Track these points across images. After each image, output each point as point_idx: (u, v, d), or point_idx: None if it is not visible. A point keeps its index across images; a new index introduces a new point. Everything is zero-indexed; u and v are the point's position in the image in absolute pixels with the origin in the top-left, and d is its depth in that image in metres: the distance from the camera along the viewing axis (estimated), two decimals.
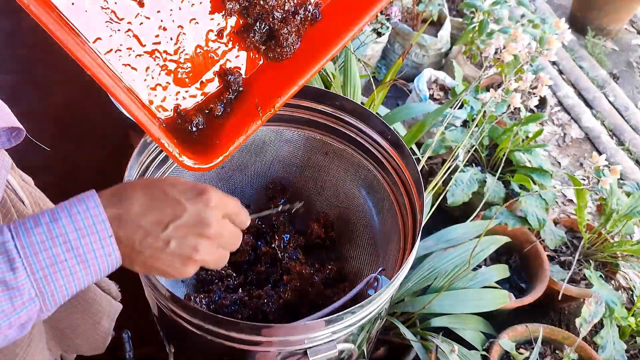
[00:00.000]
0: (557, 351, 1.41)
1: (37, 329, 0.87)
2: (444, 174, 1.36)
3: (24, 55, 2.23)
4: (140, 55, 0.67)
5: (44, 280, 0.49)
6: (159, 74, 0.70)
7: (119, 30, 0.65)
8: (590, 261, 1.57)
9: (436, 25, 2.35)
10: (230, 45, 0.75)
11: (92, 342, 1.07)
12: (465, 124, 1.88)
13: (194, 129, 0.74)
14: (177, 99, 0.74)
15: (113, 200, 0.53)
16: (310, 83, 0.79)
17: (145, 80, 0.69)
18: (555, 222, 1.70)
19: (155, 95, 0.70)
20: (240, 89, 0.76)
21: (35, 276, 0.49)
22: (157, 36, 0.68)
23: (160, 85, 0.71)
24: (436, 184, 1.37)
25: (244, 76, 0.77)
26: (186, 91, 0.74)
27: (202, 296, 1.01)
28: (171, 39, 0.70)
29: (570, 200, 2.03)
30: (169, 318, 0.84)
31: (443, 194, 1.42)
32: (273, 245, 1.10)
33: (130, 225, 0.53)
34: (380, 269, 0.91)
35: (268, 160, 1.18)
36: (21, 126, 0.77)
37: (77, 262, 0.50)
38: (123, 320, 1.15)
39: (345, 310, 0.76)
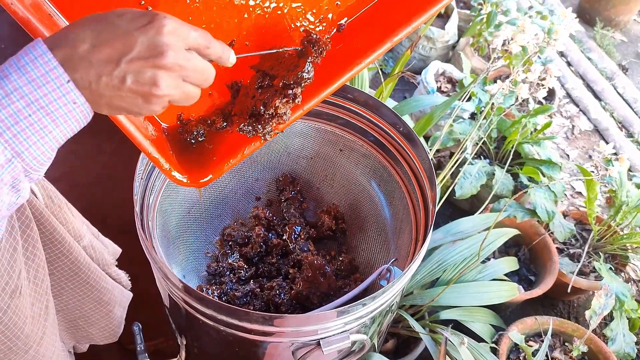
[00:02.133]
0: (566, 344, 1.41)
1: (50, 321, 0.88)
2: (452, 166, 1.35)
3: None
4: None
5: (15, 139, 0.47)
6: None
7: None
8: (600, 253, 1.56)
9: (443, 17, 2.33)
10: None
11: (106, 331, 1.08)
12: (473, 116, 1.88)
13: (193, 140, 0.72)
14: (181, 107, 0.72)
15: (59, 43, 0.49)
16: None
17: None
18: (565, 215, 1.70)
19: None
20: None
21: (4, 137, 0.47)
22: None
23: None
24: (444, 177, 1.37)
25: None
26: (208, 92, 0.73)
27: (214, 288, 1.01)
28: None
29: (579, 193, 2.02)
30: (181, 309, 0.85)
31: (451, 186, 1.42)
32: (284, 237, 1.10)
33: (82, 65, 0.48)
34: (392, 260, 0.90)
35: (278, 152, 1.18)
36: None
37: (42, 115, 0.48)
38: (134, 312, 1.16)
39: (359, 301, 0.76)
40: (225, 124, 0.73)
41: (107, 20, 0.50)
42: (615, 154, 1.09)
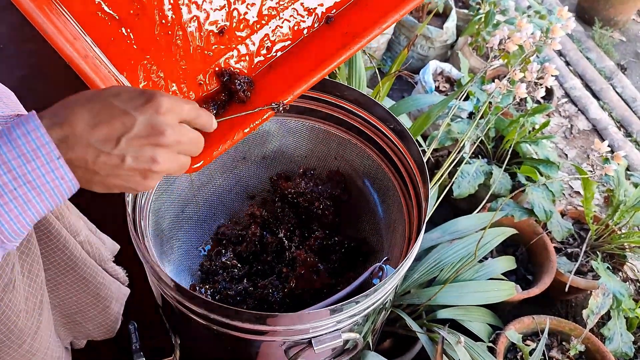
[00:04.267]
0: (563, 343, 1.41)
1: (45, 316, 0.88)
2: (450, 165, 1.35)
3: (32, 49, 2.24)
4: (135, 49, 0.67)
5: None
6: (154, 69, 0.69)
7: (114, 24, 0.65)
8: (598, 253, 1.56)
9: (442, 16, 2.33)
10: (231, 45, 0.74)
11: (103, 326, 1.08)
12: (471, 115, 1.87)
13: None
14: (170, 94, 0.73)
15: (55, 121, 0.49)
16: None
17: (138, 74, 0.68)
18: (562, 214, 1.69)
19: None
20: (248, 93, 0.75)
21: None
22: (153, 33, 0.67)
23: (153, 80, 0.70)
24: (442, 176, 1.36)
25: (246, 79, 0.75)
26: (181, 87, 0.73)
27: (207, 287, 1.01)
28: (169, 33, 0.69)
29: (577, 192, 2.01)
30: (174, 308, 0.84)
31: (449, 186, 1.41)
32: (279, 236, 1.10)
33: (79, 145, 0.49)
34: (384, 258, 0.90)
35: (272, 151, 1.18)
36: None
37: (27, 189, 0.48)
38: (130, 311, 1.16)
39: (350, 300, 0.76)
40: (215, 111, 0.73)
41: (104, 99, 0.51)
42: (611, 151, 1.09)
